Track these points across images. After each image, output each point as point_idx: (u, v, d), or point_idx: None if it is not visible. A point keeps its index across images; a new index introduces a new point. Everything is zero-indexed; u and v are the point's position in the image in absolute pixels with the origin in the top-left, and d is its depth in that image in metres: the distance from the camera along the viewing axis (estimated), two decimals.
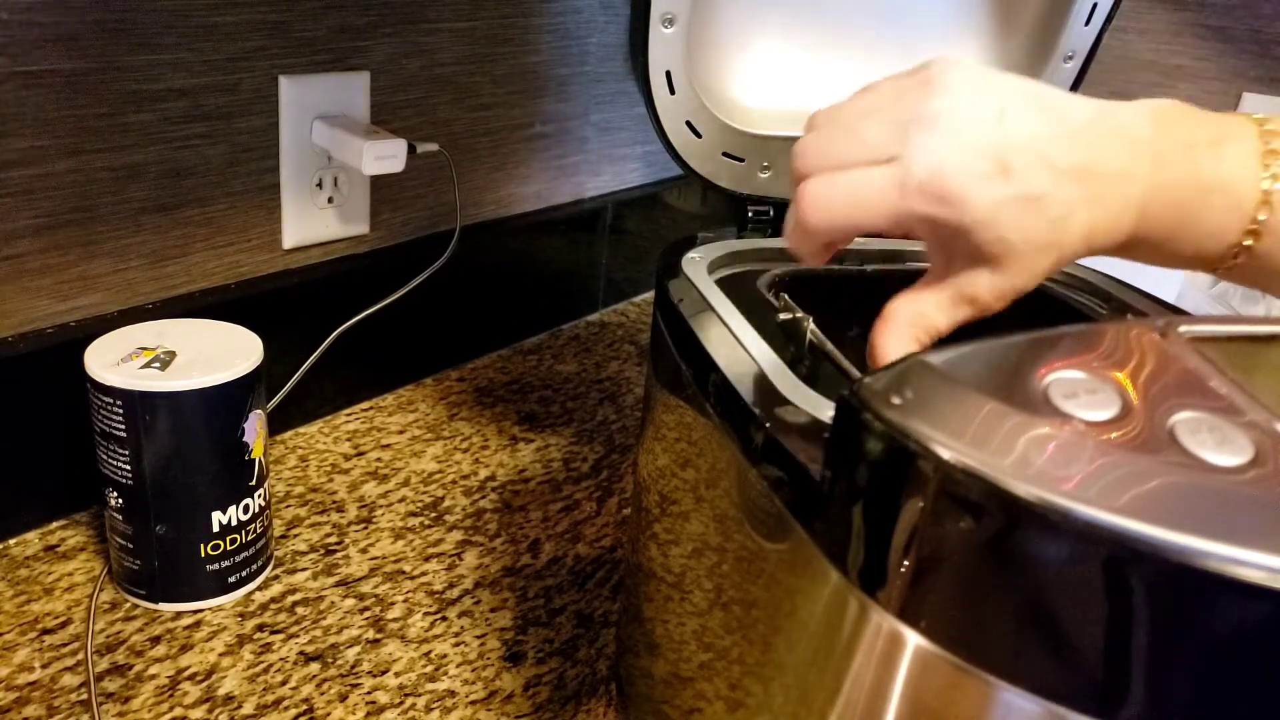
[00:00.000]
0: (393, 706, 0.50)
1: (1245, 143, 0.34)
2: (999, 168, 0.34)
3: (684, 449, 0.40)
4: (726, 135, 0.53)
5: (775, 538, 0.31)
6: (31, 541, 0.58)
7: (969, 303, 0.36)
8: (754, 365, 0.36)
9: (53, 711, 0.47)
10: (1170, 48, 1.05)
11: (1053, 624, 0.23)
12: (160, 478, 0.51)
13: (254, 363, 0.52)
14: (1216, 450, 0.23)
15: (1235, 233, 0.34)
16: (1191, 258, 0.35)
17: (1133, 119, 0.35)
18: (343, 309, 0.72)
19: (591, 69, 0.88)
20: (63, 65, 0.54)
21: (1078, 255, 0.35)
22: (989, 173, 0.34)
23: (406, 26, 0.70)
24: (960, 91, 0.35)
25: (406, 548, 0.61)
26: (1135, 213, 0.35)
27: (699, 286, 0.43)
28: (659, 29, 0.49)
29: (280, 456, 0.69)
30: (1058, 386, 0.25)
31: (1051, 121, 0.35)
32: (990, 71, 0.36)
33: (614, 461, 0.73)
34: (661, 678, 0.43)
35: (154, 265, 0.62)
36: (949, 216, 0.34)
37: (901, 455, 0.24)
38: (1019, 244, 0.34)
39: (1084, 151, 0.34)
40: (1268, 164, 0.33)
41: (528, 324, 0.92)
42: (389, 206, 0.75)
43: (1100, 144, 0.35)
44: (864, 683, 0.27)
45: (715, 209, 1.06)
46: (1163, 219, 0.34)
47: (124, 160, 0.58)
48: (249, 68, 0.62)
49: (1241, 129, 0.34)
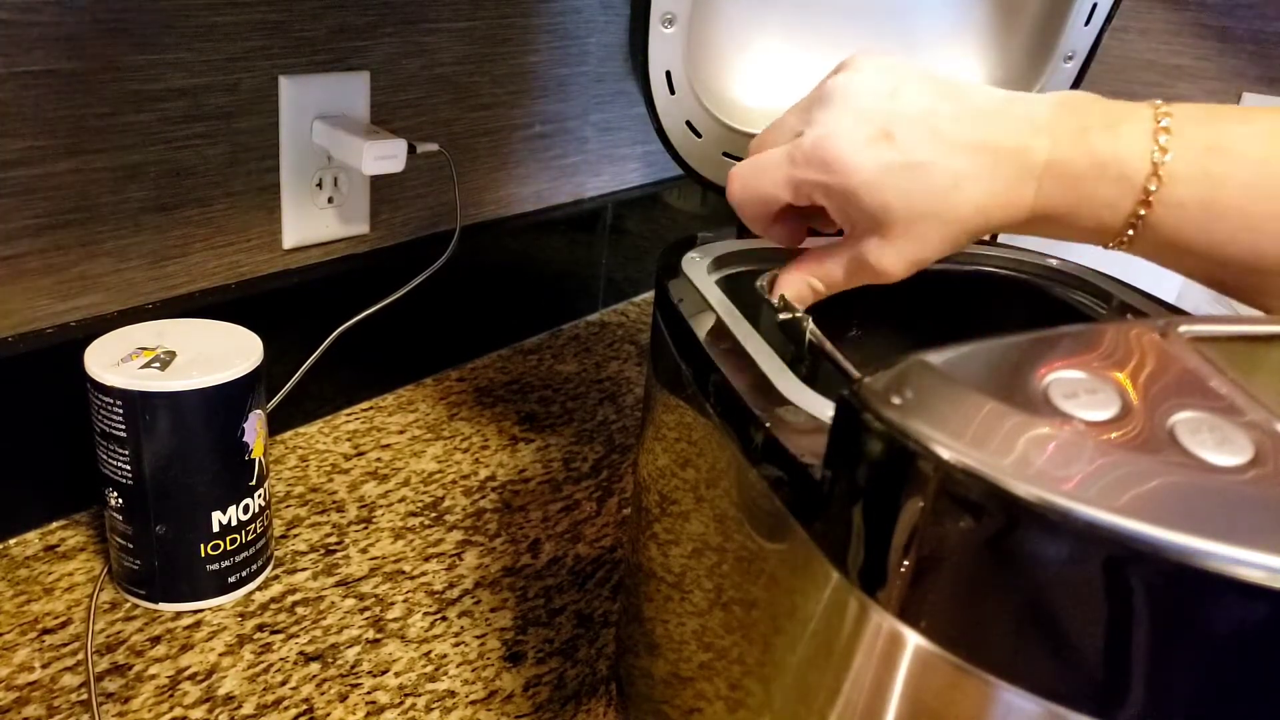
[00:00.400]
0: (393, 706, 0.50)
1: (1140, 123, 0.35)
2: (882, 134, 0.36)
3: (684, 449, 0.40)
4: (726, 135, 0.53)
5: (775, 538, 0.31)
6: (31, 541, 0.58)
7: (861, 267, 0.39)
8: (754, 365, 0.36)
9: (53, 711, 0.47)
10: (1170, 48, 1.05)
11: (1053, 624, 0.23)
12: (160, 478, 0.51)
13: (254, 363, 0.52)
14: (1216, 450, 0.23)
15: (1129, 204, 0.35)
16: (1093, 230, 0.37)
17: (1035, 105, 0.37)
18: (343, 309, 0.72)
19: (591, 69, 0.88)
20: (63, 65, 0.54)
21: (975, 228, 0.37)
22: (872, 138, 0.36)
23: (406, 26, 0.70)
24: (861, 71, 0.37)
25: (406, 548, 0.61)
26: (1033, 189, 0.36)
27: (699, 286, 0.43)
28: (659, 29, 0.49)
29: (280, 456, 0.69)
30: (1058, 386, 0.25)
31: (947, 100, 0.37)
32: (900, 60, 0.38)
33: (614, 461, 0.73)
34: (661, 678, 0.43)
35: (154, 265, 0.62)
36: (833, 181, 0.36)
37: (901, 455, 0.24)
38: (901, 209, 0.36)
39: (978, 128, 0.36)
40: (1158, 139, 0.35)
41: (528, 324, 0.92)
42: (389, 206, 0.75)
43: (996, 123, 0.36)
44: (864, 683, 0.27)
45: (715, 209, 1.06)
46: (1061, 194, 0.36)
47: (124, 160, 0.58)
48: (249, 68, 0.62)
49: (1139, 112, 0.36)
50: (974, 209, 0.36)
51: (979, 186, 0.36)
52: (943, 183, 0.36)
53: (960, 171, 0.36)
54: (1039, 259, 0.50)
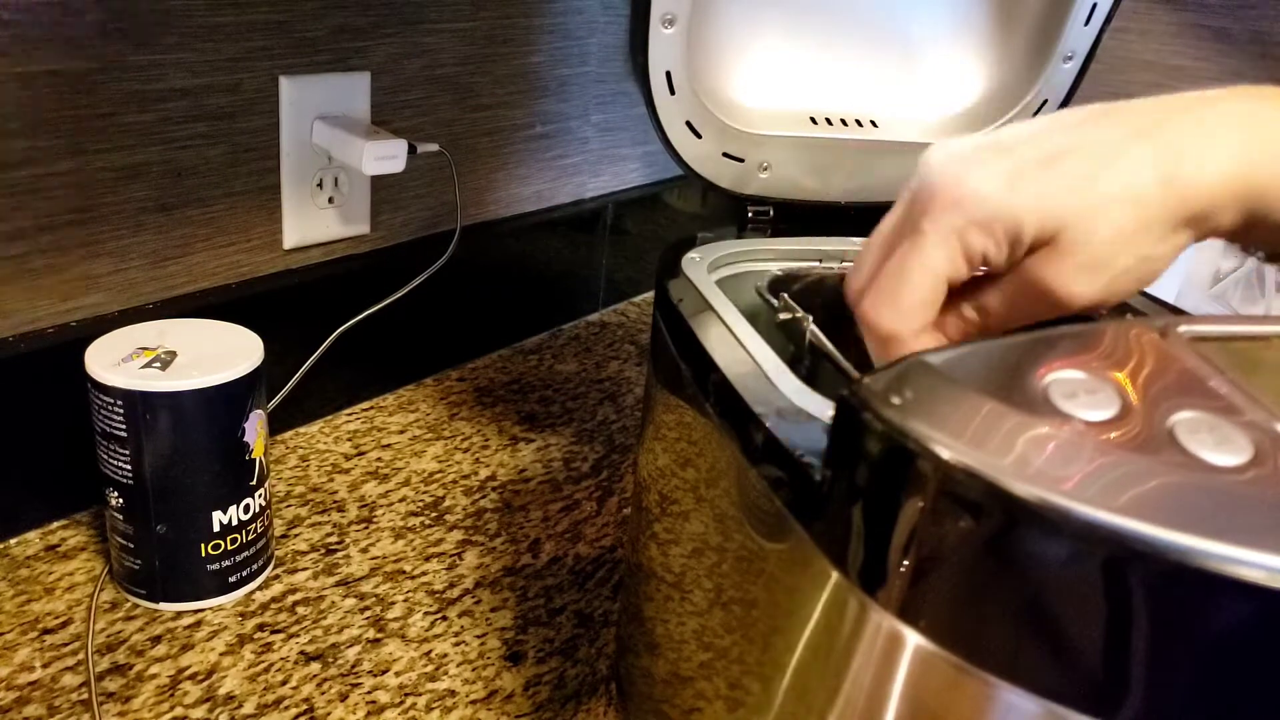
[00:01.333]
0: (393, 706, 0.50)
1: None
2: (994, 150, 0.31)
3: (684, 449, 0.40)
4: (726, 135, 0.53)
5: (775, 538, 0.31)
6: (32, 541, 0.58)
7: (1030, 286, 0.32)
8: (754, 365, 0.36)
9: (53, 711, 0.47)
10: (1170, 48, 1.05)
11: (1052, 624, 0.23)
12: (161, 478, 0.51)
13: (254, 363, 0.52)
14: (1216, 450, 0.23)
15: None
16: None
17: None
18: (343, 309, 0.72)
19: (592, 69, 0.88)
20: (63, 65, 0.54)
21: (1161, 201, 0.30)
22: (980, 158, 0.31)
23: (407, 27, 0.71)
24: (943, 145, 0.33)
25: (407, 547, 0.61)
26: (1235, 140, 0.30)
27: (699, 286, 0.43)
28: (659, 29, 0.49)
29: (281, 456, 0.69)
30: (1057, 386, 0.25)
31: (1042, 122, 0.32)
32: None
33: (614, 461, 0.73)
34: (661, 677, 0.43)
35: (155, 265, 0.62)
36: (975, 212, 0.31)
37: (901, 455, 0.24)
38: (1064, 210, 0.30)
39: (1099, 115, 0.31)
40: None
41: (528, 324, 0.92)
42: (389, 206, 0.75)
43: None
44: (864, 682, 0.27)
45: (715, 209, 1.06)
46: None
47: (125, 160, 0.58)
48: (250, 68, 0.62)
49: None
50: (1154, 180, 0.29)
51: (1140, 153, 0.30)
52: (1089, 163, 0.30)
53: (1102, 146, 0.30)
54: None
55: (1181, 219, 0.31)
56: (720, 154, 0.54)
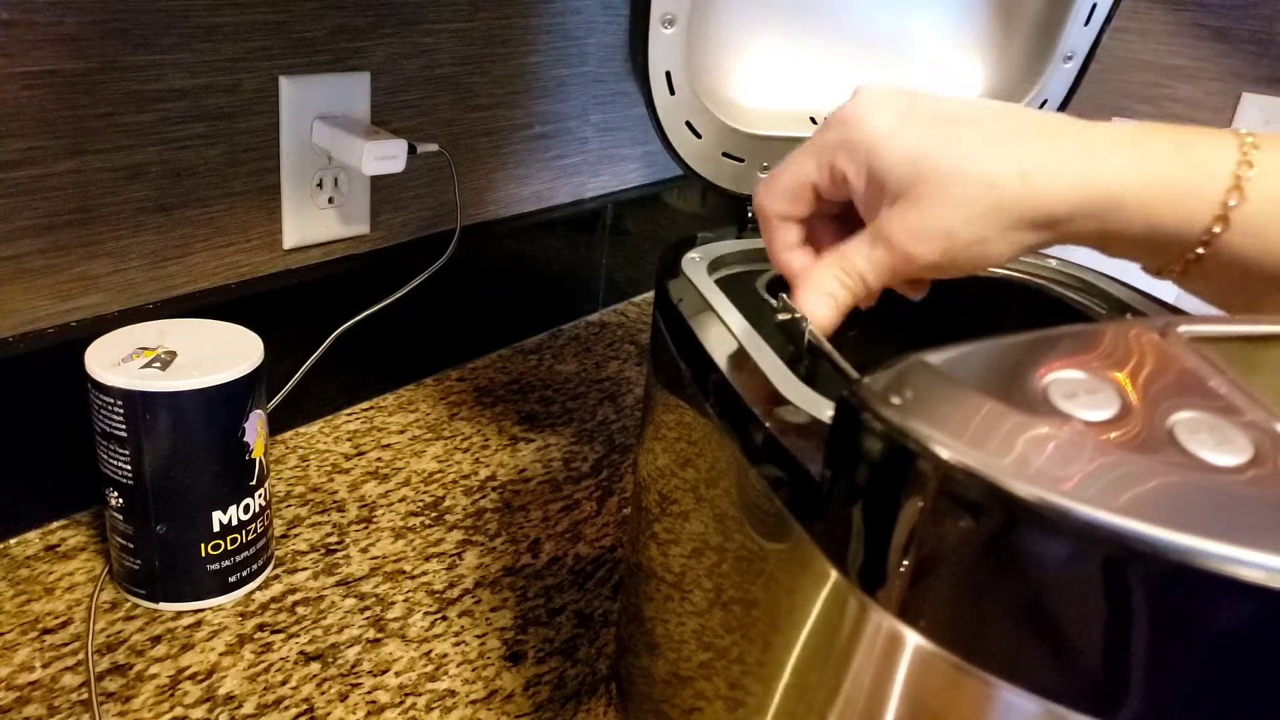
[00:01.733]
0: (393, 706, 0.50)
1: (1224, 138, 0.33)
2: (907, 100, 0.34)
3: (684, 449, 0.40)
4: (726, 135, 0.53)
5: (775, 538, 0.31)
6: (32, 541, 0.58)
7: (885, 245, 0.35)
8: (754, 365, 0.36)
9: (53, 711, 0.47)
10: (1169, 48, 1.05)
11: (1052, 624, 0.23)
12: (161, 478, 0.51)
13: (254, 363, 0.52)
14: (1215, 450, 0.23)
15: (1206, 217, 0.32)
16: (1169, 233, 0.33)
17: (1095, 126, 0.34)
18: (343, 309, 0.72)
19: (591, 69, 0.88)
20: (63, 65, 0.54)
21: (1016, 198, 0.32)
22: (894, 102, 0.34)
23: (406, 27, 0.70)
24: (871, 88, 0.36)
25: (407, 547, 0.61)
26: (1096, 164, 0.32)
27: (699, 286, 0.43)
28: (659, 29, 0.49)
29: (281, 456, 0.69)
30: (1057, 386, 0.25)
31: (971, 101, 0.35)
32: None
33: (614, 461, 0.73)
34: (661, 677, 0.43)
35: (154, 265, 0.62)
36: (855, 136, 0.35)
37: (901, 455, 0.24)
38: (926, 164, 0.33)
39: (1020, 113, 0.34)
40: (1245, 153, 0.32)
41: (528, 324, 0.92)
42: (389, 207, 0.75)
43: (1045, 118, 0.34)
44: (864, 682, 0.27)
45: (715, 209, 1.06)
46: (1135, 171, 0.32)
47: (124, 160, 0.58)
48: (249, 68, 0.62)
49: (1220, 133, 0.33)
50: (1015, 171, 0.32)
51: (1021, 147, 0.32)
52: (974, 137, 0.32)
53: (996, 130, 0.33)
54: (1039, 259, 0.50)
55: (1030, 218, 0.33)
56: (720, 154, 0.54)
